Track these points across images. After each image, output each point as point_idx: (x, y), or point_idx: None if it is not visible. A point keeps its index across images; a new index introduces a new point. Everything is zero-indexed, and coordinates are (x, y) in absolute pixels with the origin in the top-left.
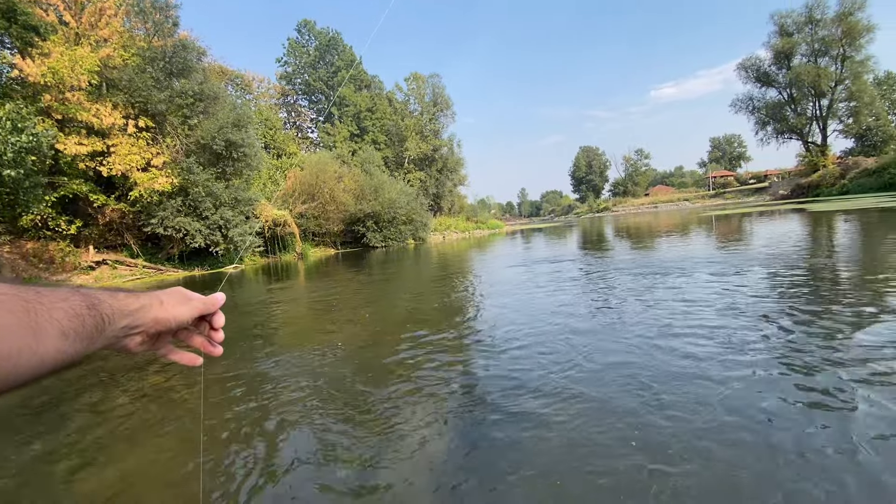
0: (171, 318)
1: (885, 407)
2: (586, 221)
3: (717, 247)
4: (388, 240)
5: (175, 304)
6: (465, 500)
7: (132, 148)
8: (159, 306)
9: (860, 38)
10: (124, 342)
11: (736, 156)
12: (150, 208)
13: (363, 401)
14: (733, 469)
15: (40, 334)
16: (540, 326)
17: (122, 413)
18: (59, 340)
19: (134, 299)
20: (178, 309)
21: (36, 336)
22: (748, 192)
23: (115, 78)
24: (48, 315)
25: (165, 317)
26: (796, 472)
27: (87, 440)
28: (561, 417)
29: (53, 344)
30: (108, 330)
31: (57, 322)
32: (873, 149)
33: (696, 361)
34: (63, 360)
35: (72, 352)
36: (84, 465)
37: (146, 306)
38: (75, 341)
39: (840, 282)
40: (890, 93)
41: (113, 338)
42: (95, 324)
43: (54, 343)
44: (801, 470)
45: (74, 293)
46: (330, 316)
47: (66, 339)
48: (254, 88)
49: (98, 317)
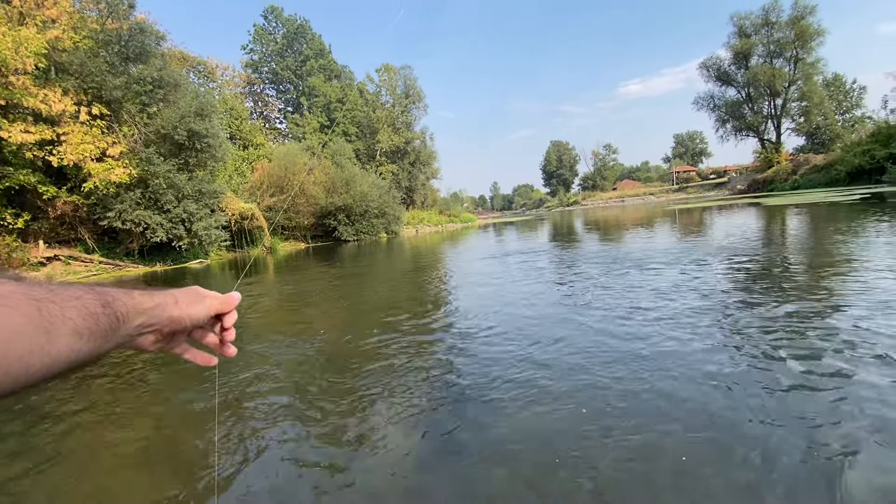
0: (187, 316)
1: (802, 360)
2: (557, 215)
3: (679, 239)
4: (361, 233)
5: (190, 303)
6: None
7: (85, 137)
8: (174, 305)
9: (811, 41)
10: (138, 340)
11: (698, 152)
12: (107, 201)
13: (338, 388)
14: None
15: (53, 334)
16: (510, 312)
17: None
18: (72, 339)
19: (149, 298)
20: (193, 308)
21: (48, 336)
22: (709, 187)
23: (64, 62)
24: (61, 314)
25: (180, 315)
26: (726, 402)
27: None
28: (523, 391)
29: (67, 343)
30: (122, 329)
31: (71, 321)
32: (822, 146)
33: (649, 340)
34: (77, 359)
35: (86, 351)
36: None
37: (161, 305)
38: (89, 340)
39: (790, 270)
40: (837, 94)
41: (127, 336)
42: (110, 322)
43: (67, 342)
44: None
45: (88, 291)
46: (302, 311)
47: (81, 339)
48: (217, 76)
49: (112, 315)
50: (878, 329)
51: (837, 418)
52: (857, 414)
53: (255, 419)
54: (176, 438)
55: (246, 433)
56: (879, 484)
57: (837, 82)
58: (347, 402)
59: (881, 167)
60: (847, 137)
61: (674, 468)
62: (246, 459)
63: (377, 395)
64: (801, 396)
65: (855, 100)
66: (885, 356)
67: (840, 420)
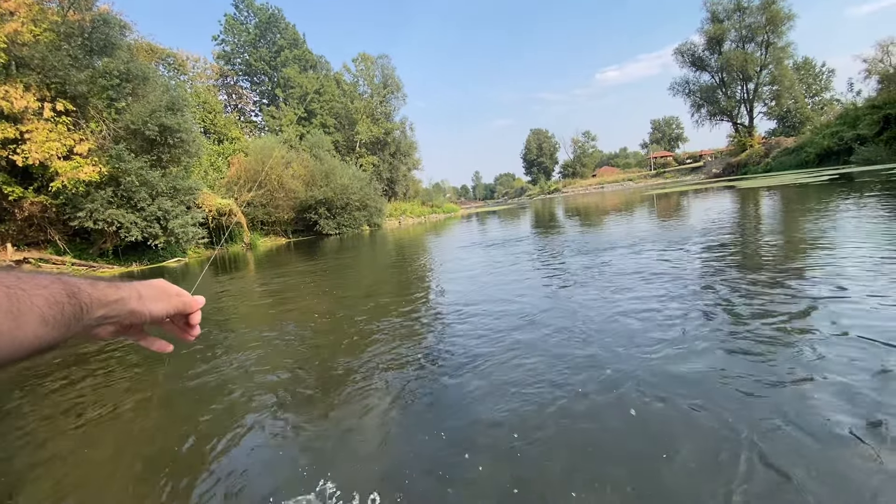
0: (147, 312)
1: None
2: (538, 203)
3: (657, 224)
4: (343, 227)
5: (153, 300)
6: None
7: (50, 134)
8: (137, 300)
9: (781, 25)
10: (97, 330)
11: (674, 137)
12: (77, 200)
13: (326, 374)
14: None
15: (20, 320)
16: (495, 295)
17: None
18: (38, 327)
19: (114, 290)
20: (154, 305)
21: (17, 321)
22: (685, 172)
23: (25, 56)
24: (29, 301)
25: (141, 310)
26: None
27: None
28: (508, 360)
29: (33, 330)
30: (84, 319)
31: (38, 308)
32: (793, 129)
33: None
34: (40, 347)
35: (49, 339)
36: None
37: (124, 299)
38: (54, 328)
39: (762, 249)
40: (807, 77)
41: (88, 326)
42: (74, 312)
43: (34, 329)
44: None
45: (55, 280)
46: (284, 305)
47: (46, 326)
48: (189, 69)
49: (77, 305)
50: (842, 310)
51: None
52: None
53: (243, 403)
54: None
55: (232, 415)
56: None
57: (807, 66)
58: (334, 387)
59: (849, 148)
60: (816, 120)
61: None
62: (232, 443)
63: (364, 377)
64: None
65: (824, 83)
66: (843, 332)
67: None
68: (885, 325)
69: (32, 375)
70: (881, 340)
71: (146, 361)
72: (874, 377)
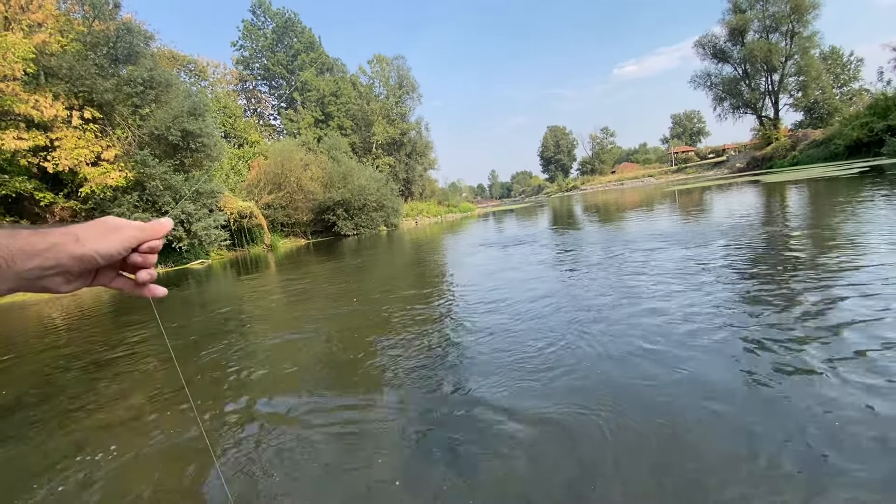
0: (94, 253)
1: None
2: (556, 200)
3: (680, 220)
4: (360, 227)
5: (97, 238)
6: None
7: (79, 141)
8: (74, 243)
9: (807, 14)
10: (44, 283)
11: (696, 131)
12: (104, 205)
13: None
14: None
15: None
16: (517, 296)
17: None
18: None
19: (41, 238)
20: (101, 243)
21: None
22: (708, 167)
23: (53, 66)
24: None
25: (85, 253)
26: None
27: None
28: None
29: None
30: (7, 274)
31: None
32: (820, 121)
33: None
34: None
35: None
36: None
37: (58, 245)
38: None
39: (791, 248)
40: (834, 67)
41: (23, 280)
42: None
43: None
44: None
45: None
46: (307, 304)
47: None
48: (209, 74)
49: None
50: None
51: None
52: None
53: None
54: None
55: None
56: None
57: (834, 55)
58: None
59: (880, 140)
60: (845, 111)
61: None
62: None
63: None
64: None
65: (853, 72)
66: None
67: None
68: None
69: (55, 368)
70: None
71: (163, 366)
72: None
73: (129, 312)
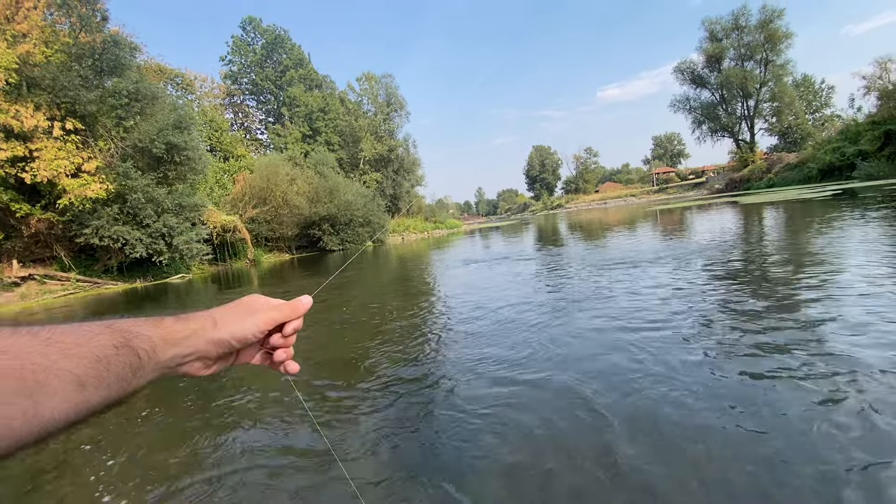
0: (231, 337)
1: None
2: (541, 218)
3: (662, 239)
4: (346, 243)
5: (234, 322)
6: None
7: (59, 152)
8: (213, 328)
9: (780, 43)
10: (184, 369)
11: (676, 153)
12: (83, 217)
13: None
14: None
15: (41, 394)
16: (502, 308)
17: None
18: (73, 392)
19: (182, 325)
20: (238, 326)
21: (33, 398)
22: (688, 187)
23: (36, 76)
24: (55, 368)
25: (222, 338)
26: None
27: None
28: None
29: (64, 398)
30: (148, 365)
31: (68, 373)
32: (794, 145)
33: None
34: (85, 410)
35: (97, 399)
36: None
37: (196, 331)
38: (98, 388)
39: (767, 267)
40: (806, 94)
41: (164, 368)
42: (126, 363)
43: (65, 397)
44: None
45: (102, 332)
46: None
47: (84, 389)
48: (196, 88)
49: (131, 355)
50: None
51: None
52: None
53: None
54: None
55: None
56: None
57: (807, 83)
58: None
59: (851, 164)
60: (818, 136)
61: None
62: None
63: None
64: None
65: (824, 99)
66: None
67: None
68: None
69: None
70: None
71: None
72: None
73: None
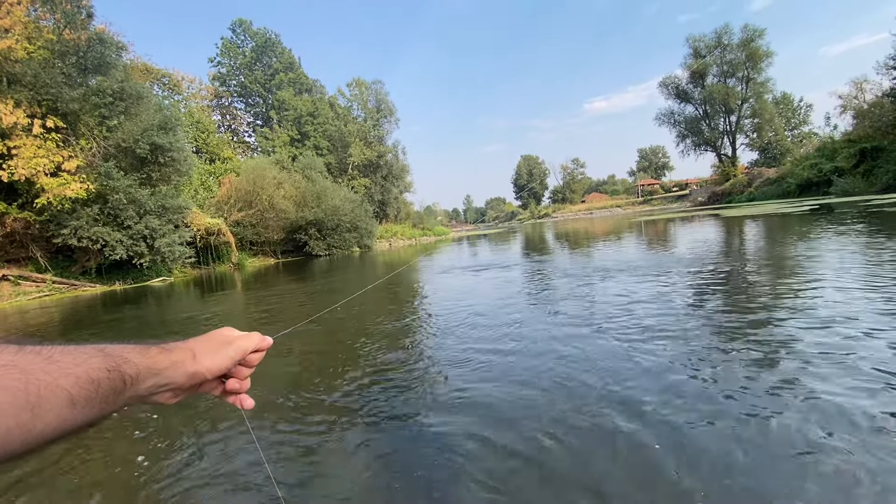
0: (205, 370)
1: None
2: (528, 227)
3: (646, 250)
4: (332, 248)
5: (209, 354)
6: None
7: (38, 150)
8: (192, 361)
9: (761, 62)
10: (154, 399)
11: (661, 165)
12: (61, 217)
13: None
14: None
15: (40, 408)
16: (488, 312)
17: None
18: (65, 410)
19: (165, 356)
20: (212, 359)
21: (33, 412)
22: (672, 199)
23: (17, 72)
24: (55, 385)
25: (197, 371)
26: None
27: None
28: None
29: (57, 414)
30: (128, 391)
31: (64, 391)
32: (774, 160)
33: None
34: (67, 428)
35: (81, 419)
36: None
37: (177, 363)
38: (85, 407)
39: (748, 278)
40: (786, 111)
41: (137, 397)
42: (113, 387)
43: (58, 413)
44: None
45: (95, 355)
46: (273, 326)
47: (75, 407)
48: (183, 89)
49: (119, 379)
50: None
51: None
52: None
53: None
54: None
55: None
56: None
57: (786, 100)
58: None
59: (828, 180)
60: (796, 152)
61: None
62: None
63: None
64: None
65: (802, 116)
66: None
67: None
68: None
69: None
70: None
71: None
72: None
73: (94, 324)
